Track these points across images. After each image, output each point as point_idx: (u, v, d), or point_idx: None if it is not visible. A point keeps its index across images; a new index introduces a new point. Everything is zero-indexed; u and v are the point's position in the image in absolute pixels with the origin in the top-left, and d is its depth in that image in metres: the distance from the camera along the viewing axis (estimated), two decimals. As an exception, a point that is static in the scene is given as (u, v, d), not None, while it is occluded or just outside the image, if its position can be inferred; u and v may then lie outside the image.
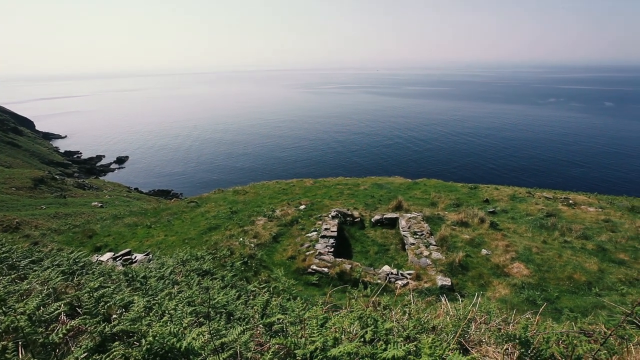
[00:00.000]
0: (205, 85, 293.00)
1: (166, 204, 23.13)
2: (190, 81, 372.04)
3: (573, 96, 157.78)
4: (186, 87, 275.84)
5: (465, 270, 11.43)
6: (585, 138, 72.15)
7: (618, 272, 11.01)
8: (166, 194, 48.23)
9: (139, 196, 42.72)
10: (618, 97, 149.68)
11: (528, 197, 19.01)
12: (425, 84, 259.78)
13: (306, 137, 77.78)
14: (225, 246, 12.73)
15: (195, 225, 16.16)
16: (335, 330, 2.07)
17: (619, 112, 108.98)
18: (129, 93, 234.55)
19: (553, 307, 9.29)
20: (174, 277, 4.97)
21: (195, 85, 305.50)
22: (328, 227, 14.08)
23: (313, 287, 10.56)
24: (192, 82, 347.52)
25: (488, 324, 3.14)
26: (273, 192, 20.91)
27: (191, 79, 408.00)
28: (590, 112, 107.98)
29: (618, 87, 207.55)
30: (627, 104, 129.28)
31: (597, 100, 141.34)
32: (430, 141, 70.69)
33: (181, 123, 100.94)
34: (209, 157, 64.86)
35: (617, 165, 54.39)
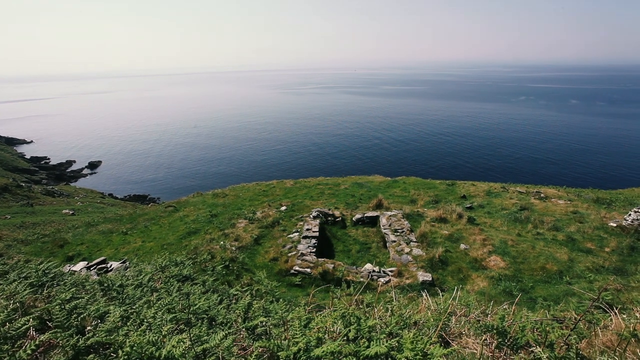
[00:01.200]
0: (179, 87, 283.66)
1: (143, 209, 22.44)
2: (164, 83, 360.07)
3: (542, 94, 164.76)
4: (160, 89, 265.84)
5: (445, 265, 11.71)
6: (554, 134, 75.57)
7: (586, 261, 11.59)
8: (143, 199, 46.77)
9: (114, 202, 41.22)
10: (582, 95, 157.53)
11: (503, 192, 19.69)
12: (402, 83, 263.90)
13: (285, 138, 76.99)
14: (206, 250, 12.49)
15: (174, 230, 15.76)
16: (318, 330, 2.06)
17: (583, 109, 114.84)
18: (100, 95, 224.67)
19: (528, 296, 9.66)
20: (152, 285, 4.82)
21: (170, 86, 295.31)
22: (310, 227, 14.08)
23: (296, 288, 10.52)
24: (166, 84, 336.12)
25: (468, 316, 3.23)
26: (253, 194, 20.69)
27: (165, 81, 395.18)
28: (558, 110, 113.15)
29: (582, 85, 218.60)
30: (590, 101, 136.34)
31: (563, 98, 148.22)
32: (408, 140, 71.91)
33: (156, 126, 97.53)
34: (186, 161, 63.10)
35: (582, 160, 57.35)
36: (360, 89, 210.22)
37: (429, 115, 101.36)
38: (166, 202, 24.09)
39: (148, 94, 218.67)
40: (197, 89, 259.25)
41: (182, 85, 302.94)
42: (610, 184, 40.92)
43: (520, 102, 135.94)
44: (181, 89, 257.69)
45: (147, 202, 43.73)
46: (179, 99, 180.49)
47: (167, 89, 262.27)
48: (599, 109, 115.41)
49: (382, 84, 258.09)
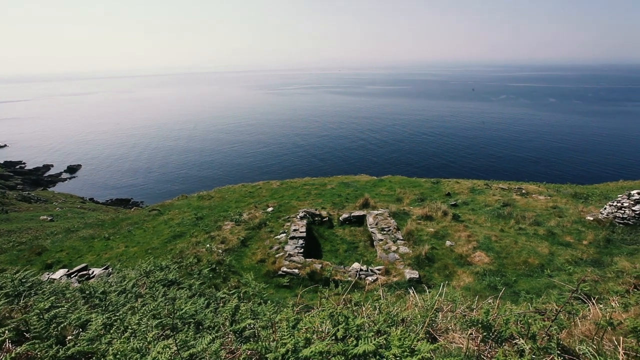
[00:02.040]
0: (161, 88, 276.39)
1: (126, 213, 21.92)
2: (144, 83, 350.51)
3: (522, 93, 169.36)
4: (140, 90, 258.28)
5: (431, 262, 11.88)
6: (533, 132, 77.84)
7: (565, 254, 11.97)
8: (125, 202, 45.65)
9: (95, 207, 40.07)
10: (560, 94, 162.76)
11: (486, 189, 20.13)
12: (387, 83, 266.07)
13: (271, 140, 76.04)
14: (192, 254, 12.29)
15: (159, 234, 15.45)
16: (306, 331, 2.06)
17: (560, 107, 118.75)
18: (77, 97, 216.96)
19: (512, 290, 9.90)
20: (136, 290, 4.72)
21: (151, 88, 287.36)
22: (297, 228, 14.05)
23: (284, 289, 10.48)
24: (146, 85, 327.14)
25: (454, 311, 3.28)
26: (239, 196, 20.49)
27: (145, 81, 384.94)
28: (537, 108, 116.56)
29: (560, 84, 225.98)
30: (567, 99, 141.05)
31: (542, 96, 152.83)
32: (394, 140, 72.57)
33: (137, 129, 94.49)
34: (170, 165, 61.49)
35: (560, 156, 59.28)
36: (345, 89, 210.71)
37: (413, 115, 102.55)
38: (150, 205, 23.58)
39: (128, 96, 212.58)
40: (180, 90, 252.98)
41: (164, 86, 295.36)
42: (586, 179, 42.39)
43: (501, 101, 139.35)
44: (163, 90, 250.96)
45: (130, 206, 42.70)
46: (161, 101, 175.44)
47: (148, 90, 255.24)
48: (575, 107, 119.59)
49: (367, 83, 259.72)
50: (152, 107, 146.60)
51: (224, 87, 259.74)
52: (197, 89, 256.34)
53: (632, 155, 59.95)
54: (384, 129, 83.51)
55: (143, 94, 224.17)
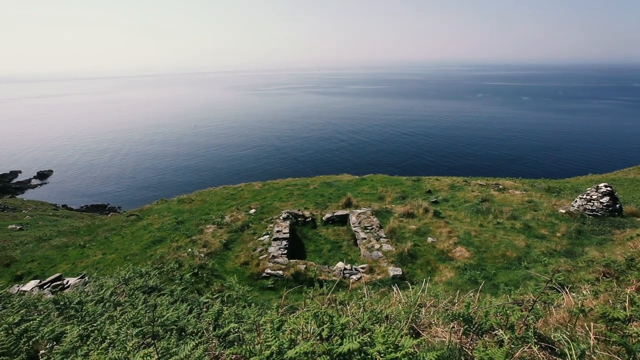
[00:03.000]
0: (137, 90, 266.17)
1: (102, 219, 21.18)
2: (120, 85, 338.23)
3: (497, 92, 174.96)
4: (115, 92, 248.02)
5: (414, 258, 12.08)
6: (509, 129, 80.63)
7: (541, 246, 12.44)
8: (102, 208, 44.09)
9: (69, 213, 38.49)
10: (533, 93, 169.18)
11: (465, 186, 20.65)
12: (367, 82, 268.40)
13: (252, 141, 74.63)
14: (173, 259, 12.01)
15: (138, 240, 15.01)
16: (291, 332, 2.05)
17: (533, 105, 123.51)
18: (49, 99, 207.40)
19: (491, 283, 10.20)
20: (115, 299, 4.57)
21: (126, 89, 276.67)
22: (280, 229, 13.97)
23: (269, 291, 10.40)
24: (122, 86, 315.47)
25: (436, 306, 3.34)
26: (221, 198, 20.19)
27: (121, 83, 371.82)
28: (511, 106, 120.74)
29: (533, 83, 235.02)
30: (539, 98, 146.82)
31: (516, 95, 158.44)
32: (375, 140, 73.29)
33: (113, 133, 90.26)
34: (148, 170, 59.19)
35: (534, 152, 61.65)
36: (326, 89, 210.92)
37: (394, 115, 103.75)
38: (128, 210, 22.83)
39: (104, 98, 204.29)
40: (157, 91, 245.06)
41: (141, 88, 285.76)
42: (559, 174, 44.21)
43: (478, 100, 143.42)
44: (140, 92, 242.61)
45: (106, 212, 41.29)
46: (138, 103, 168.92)
47: (124, 92, 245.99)
48: (547, 104, 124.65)
49: (347, 83, 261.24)
50: (128, 110, 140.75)
51: (202, 89, 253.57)
52: (175, 90, 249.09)
53: (599, 150, 63.03)
54: (365, 129, 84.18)
55: (120, 96, 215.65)
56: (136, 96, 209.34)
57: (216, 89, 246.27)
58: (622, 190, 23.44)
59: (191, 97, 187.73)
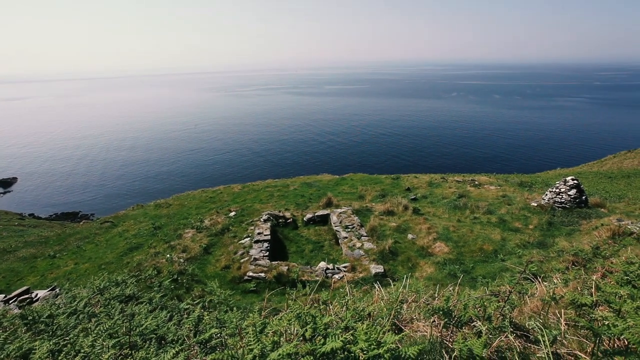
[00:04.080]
0: (107, 92, 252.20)
1: (74, 227, 20.28)
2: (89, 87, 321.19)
3: (470, 91, 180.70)
4: (84, 95, 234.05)
5: (395, 255, 12.27)
6: (482, 127, 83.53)
7: (515, 238, 12.93)
8: (73, 216, 42.23)
9: (37, 223, 36.58)
10: (503, 91, 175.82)
11: (442, 182, 21.17)
12: (344, 82, 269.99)
13: (230, 144, 73.03)
14: (151, 265, 11.66)
15: (113, 248, 14.47)
16: (273, 334, 2.03)
17: (504, 103, 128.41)
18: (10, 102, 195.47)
19: (470, 276, 10.50)
20: (89, 310, 4.38)
21: (96, 91, 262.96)
22: (261, 231, 13.85)
23: (251, 294, 10.28)
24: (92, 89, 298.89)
25: (418, 302, 3.40)
26: (200, 202, 19.78)
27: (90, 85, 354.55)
28: (484, 104, 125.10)
29: (504, 82, 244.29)
30: (509, 96, 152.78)
31: (488, 93, 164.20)
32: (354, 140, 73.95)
33: (82, 138, 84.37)
34: (123, 175, 56.62)
35: (507, 148, 64.14)
36: (304, 90, 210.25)
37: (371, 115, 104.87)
38: (102, 217, 21.93)
39: (72, 100, 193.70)
40: (128, 94, 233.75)
41: (111, 90, 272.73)
42: (530, 168, 46.18)
43: (452, 98, 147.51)
44: (109, 95, 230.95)
45: (78, 219, 39.58)
46: (107, 106, 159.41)
47: (94, 95, 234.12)
48: (516, 102, 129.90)
49: (325, 83, 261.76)
50: (97, 114, 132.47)
51: (177, 90, 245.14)
52: (148, 92, 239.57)
53: (566, 145, 66.29)
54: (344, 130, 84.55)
55: (89, 98, 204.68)
56: (106, 99, 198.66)
57: (191, 90, 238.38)
58: (587, 182, 24.73)
59: (164, 100, 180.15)
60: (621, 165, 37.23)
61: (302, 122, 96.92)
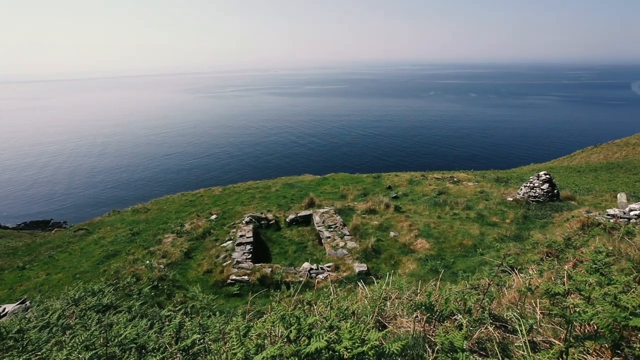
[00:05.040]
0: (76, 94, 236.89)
1: (45, 236, 19.39)
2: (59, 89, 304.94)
3: (447, 90, 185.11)
4: (53, 97, 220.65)
5: (378, 253, 12.40)
6: (460, 124, 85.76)
7: (493, 233, 13.33)
8: (44, 225, 40.30)
9: (3, 233, 34.65)
10: (479, 90, 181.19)
11: (423, 180, 21.57)
12: (324, 82, 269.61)
13: (208, 147, 70.92)
14: (129, 273, 11.30)
15: (88, 256, 13.93)
16: (257, 337, 2.01)
17: (480, 101, 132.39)
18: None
19: (451, 271, 10.74)
20: (64, 322, 4.20)
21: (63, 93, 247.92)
22: (243, 233, 13.69)
23: (235, 297, 10.15)
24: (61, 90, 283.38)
25: (401, 298, 3.45)
26: (179, 206, 19.34)
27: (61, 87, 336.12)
28: (461, 103, 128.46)
29: (479, 80, 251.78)
30: (485, 94, 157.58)
31: (464, 92, 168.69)
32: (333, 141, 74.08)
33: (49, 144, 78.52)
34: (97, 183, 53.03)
35: (484, 145, 66.12)
36: (283, 90, 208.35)
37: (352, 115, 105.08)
38: (76, 225, 20.99)
39: (39, 103, 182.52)
40: (98, 95, 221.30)
41: (80, 92, 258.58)
42: (505, 164, 47.75)
43: (430, 97, 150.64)
44: (79, 96, 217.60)
45: (50, 228, 37.83)
46: (76, 109, 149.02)
47: (62, 97, 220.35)
48: (492, 101, 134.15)
49: (304, 84, 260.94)
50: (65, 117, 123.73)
51: (152, 92, 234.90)
52: (121, 94, 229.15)
53: (538, 141, 69.02)
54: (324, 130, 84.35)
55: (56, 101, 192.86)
56: (74, 101, 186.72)
57: (166, 92, 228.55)
58: (558, 177, 25.82)
59: (138, 102, 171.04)
60: (589, 159, 39.12)
61: (282, 124, 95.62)
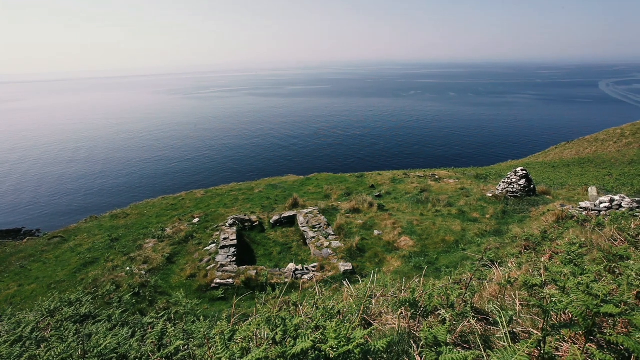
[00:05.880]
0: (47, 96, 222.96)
1: (16, 246, 18.50)
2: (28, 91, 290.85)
3: (427, 89, 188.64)
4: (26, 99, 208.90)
5: (362, 252, 12.49)
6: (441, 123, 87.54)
7: (474, 228, 13.66)
8: (15, 234, 38.43)
9: (-28, 243, 32.94)
10: (458, 89, 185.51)
11: (405, 178, 21.88)
12: (306, 83, 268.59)
13: (188, 151, 68.58)
14: (109, 280, 10.95)
15: (64, 265, 13.41)
16: (242, 341, 1.98)
17: (459, 100, 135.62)
18: None
19: (434, 267, 10.94)
20: (38, 335, 4.03)
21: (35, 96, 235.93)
22: (227, 236, 13.51)
23: (220, 301, 9.99)
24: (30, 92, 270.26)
25: (385, 295, 3.48)
26: (160, 210, 18.90)
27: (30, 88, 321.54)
28: (441, 102, 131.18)
29: (457, 80, 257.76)
30: (464, 93, 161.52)
31: (444, 91, 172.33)
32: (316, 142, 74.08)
33: (8, 151, 72.37)
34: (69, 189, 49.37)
35: (463, 143, 67.71)
36: (265, 91, 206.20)
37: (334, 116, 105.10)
38: (50, 233, 20.12)
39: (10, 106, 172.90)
40: (72, 97, 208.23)
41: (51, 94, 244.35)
42: (484, 161, 49.08)
43: (411, 97, 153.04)
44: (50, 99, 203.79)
45: (21, 236, 36.16)
46: (48, 112, 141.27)
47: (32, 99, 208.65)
48: (470, 99, 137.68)
49: (286, 84, 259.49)
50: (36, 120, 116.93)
51: (128, 93, 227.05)
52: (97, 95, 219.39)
53: (516, 138, 71.30)
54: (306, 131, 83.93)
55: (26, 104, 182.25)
56: (46, 104, 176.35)
57: (143, 93, 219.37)
58: (534, 172, 26.74)
59: (114, 104, 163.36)
60: (562, 155, 40.69)
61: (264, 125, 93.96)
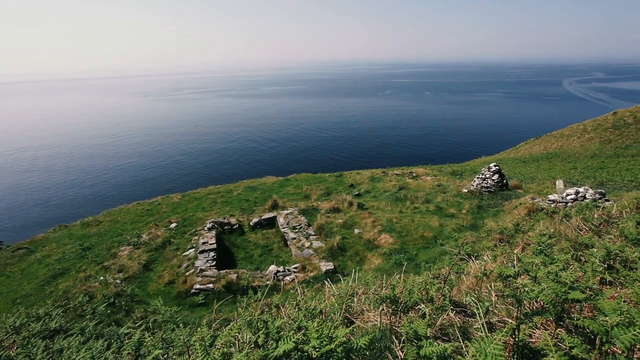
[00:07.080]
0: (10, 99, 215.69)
1: (-22, 259, 17.37)
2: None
3: (403, 88, 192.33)
4: None
5: (344, 251, 12.56)
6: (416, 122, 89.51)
7: (451, 224, 14.03)
8: (-23, 246, 36.04)
9: None
10: (433, 88, 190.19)
11: (383, 176, 22.18)
12: (282, 83, 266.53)
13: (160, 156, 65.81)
14: (81, 291, 10.48)
15: (31, 277, 12.71)
16: (223, 346, 1.94)
17: (435, 99, 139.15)
18: None
19: (414, 263, 11.15)
20: (2, 354, 3.80)
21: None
22: (205, 240, 13.24)
23: (200, 307, 9.78)
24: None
25: (367, 293, 3.51)
26: (135, 216, 18.28)
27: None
28: (417, 101, 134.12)
29: (432, 79, 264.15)
30: (439, 92, 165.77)
31: (420, 90, 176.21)
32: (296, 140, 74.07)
33: None
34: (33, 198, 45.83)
35: (438, 140, 69.55)
36: (241, 92, 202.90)
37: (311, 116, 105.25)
38: (14, 244, 18.94)
39: None
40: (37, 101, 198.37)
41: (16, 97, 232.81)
42: (460, 158, 50.46)
43: (387, 96, 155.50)
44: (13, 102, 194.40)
45: (-15, 249, 33.88)
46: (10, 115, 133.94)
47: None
48: (445, 98, 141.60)
49: (262, 85, 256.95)
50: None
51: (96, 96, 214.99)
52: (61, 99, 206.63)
53: (488, 135, 73.94)
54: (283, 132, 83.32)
55: None
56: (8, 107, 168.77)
57: (115, 96, 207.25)
58: (506, 168, 27.77)
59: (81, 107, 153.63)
60: (531, 150, 42.50)
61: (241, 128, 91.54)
